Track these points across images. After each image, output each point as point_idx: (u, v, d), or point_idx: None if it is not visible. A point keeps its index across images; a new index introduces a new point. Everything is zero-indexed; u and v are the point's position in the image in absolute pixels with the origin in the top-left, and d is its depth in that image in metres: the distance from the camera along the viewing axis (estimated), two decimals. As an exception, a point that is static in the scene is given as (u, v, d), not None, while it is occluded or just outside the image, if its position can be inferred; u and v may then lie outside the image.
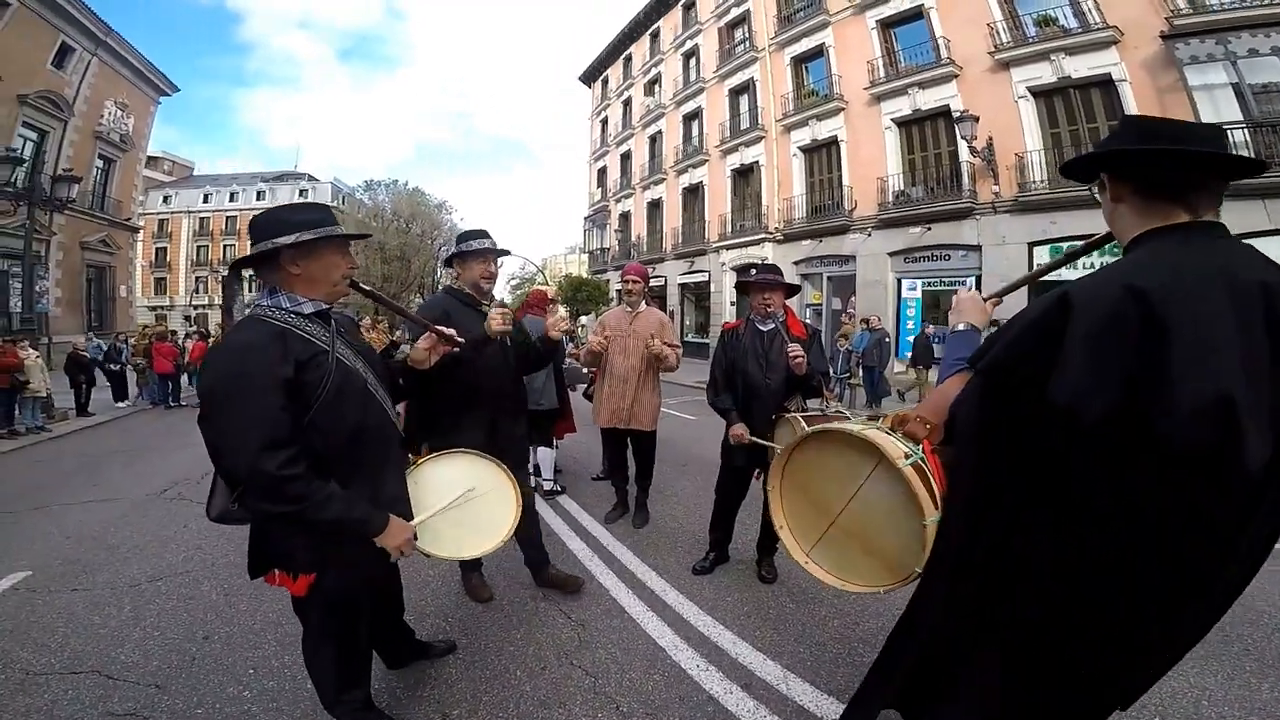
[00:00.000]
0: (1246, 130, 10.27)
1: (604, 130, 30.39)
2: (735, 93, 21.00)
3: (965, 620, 1.25)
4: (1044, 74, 12.75)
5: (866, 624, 2.78)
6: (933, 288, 15.12)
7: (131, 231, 24.00)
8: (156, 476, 5.96)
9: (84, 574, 3.54)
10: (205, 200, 49.65)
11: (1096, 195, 1.27)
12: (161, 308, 46.65)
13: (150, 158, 32.07)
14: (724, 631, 2.73)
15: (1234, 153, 1.15)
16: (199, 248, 49.37)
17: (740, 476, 3.27)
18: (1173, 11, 11.08)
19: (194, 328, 19.60)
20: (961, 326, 1.49)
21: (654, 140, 25.68)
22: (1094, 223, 11.78)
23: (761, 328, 3.16)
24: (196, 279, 48.97)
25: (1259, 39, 10.40)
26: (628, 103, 27.98)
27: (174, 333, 14.58)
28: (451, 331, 2.16)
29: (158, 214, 47.82)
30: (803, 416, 2.87)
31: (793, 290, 3.27)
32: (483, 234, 2.78)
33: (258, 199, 49.25)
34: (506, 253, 2.98)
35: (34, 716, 2.16)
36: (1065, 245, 12.37)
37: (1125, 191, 1.16)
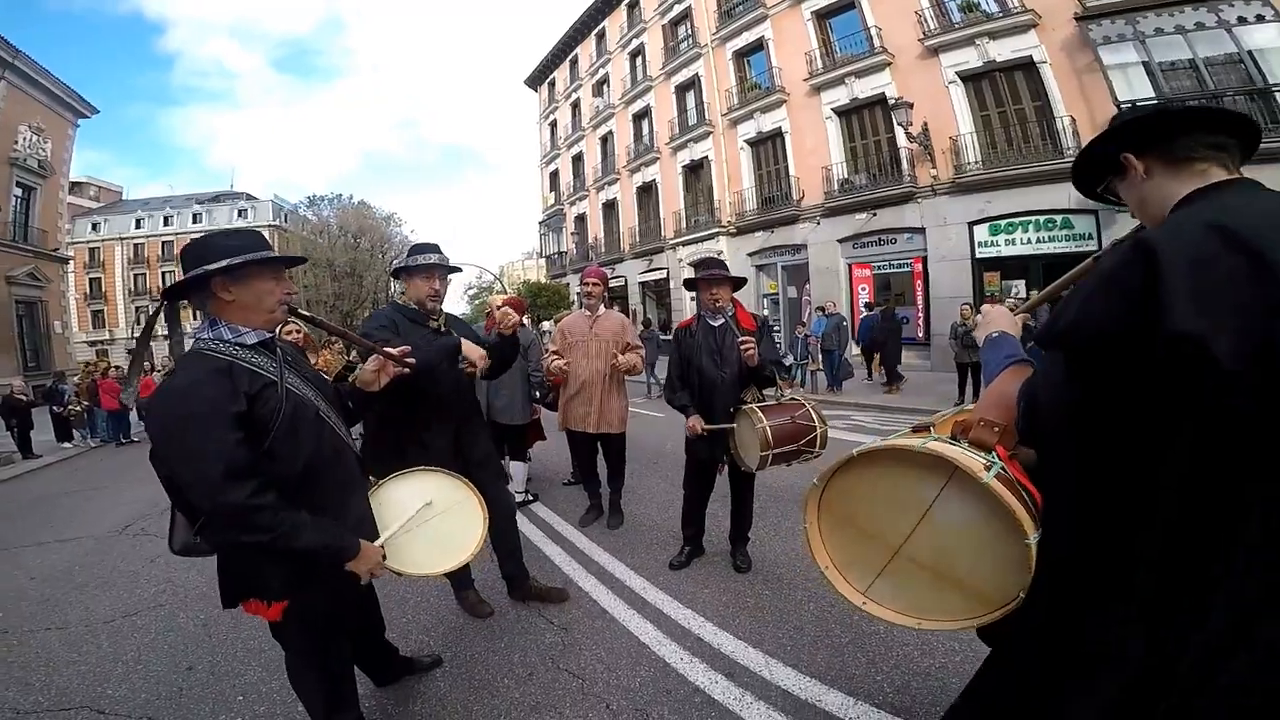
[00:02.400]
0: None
1: (553, 133, 30.27)
2: (682, 89, 21.19)
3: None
4: (970, 59, 13.26)
5: (842, 605, 2.87)
6: (882, 271, 15.61)
7: (61, 262, 22.86)
8: (115, 514, 5.82)
9: (55, 612, 3.51)
10: (138, 226, 47.53)
11: (1111, 197, 1.29)
12: (101, 342, 44.44)
13: (74, 183, 30.55)
14: (705, 623, 2.83)
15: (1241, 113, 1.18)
16: (135, 276, 47.23)
17: (705, 471, 3.37)
18: (1085, -7, 11.67)
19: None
20: (995, 333, 1.43)
21: (605, 141, 25.71)
22: (1027, 200, 12.38)
23: (712, 323, 3.25)
24: (136, 309, 46.81)
25: (1164, 18, 11.04)
26: (576, 105, 27.92)
27: (118, 367, 13.98)
28: (403, 350, 2.10)
29: (87, 242, 45.62)
30: (759, 407, 2.97)
31: (739, 283, 3.35)
32: (433, 248, 2.69)
33: (194, 222, 47.43)
34: (456, 269, 2.85)
35: (28, 759, 2.13)
36: (1003, 222, 12.98)
37: (1154, 163, 1.17)
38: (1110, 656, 1.09)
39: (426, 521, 1.99)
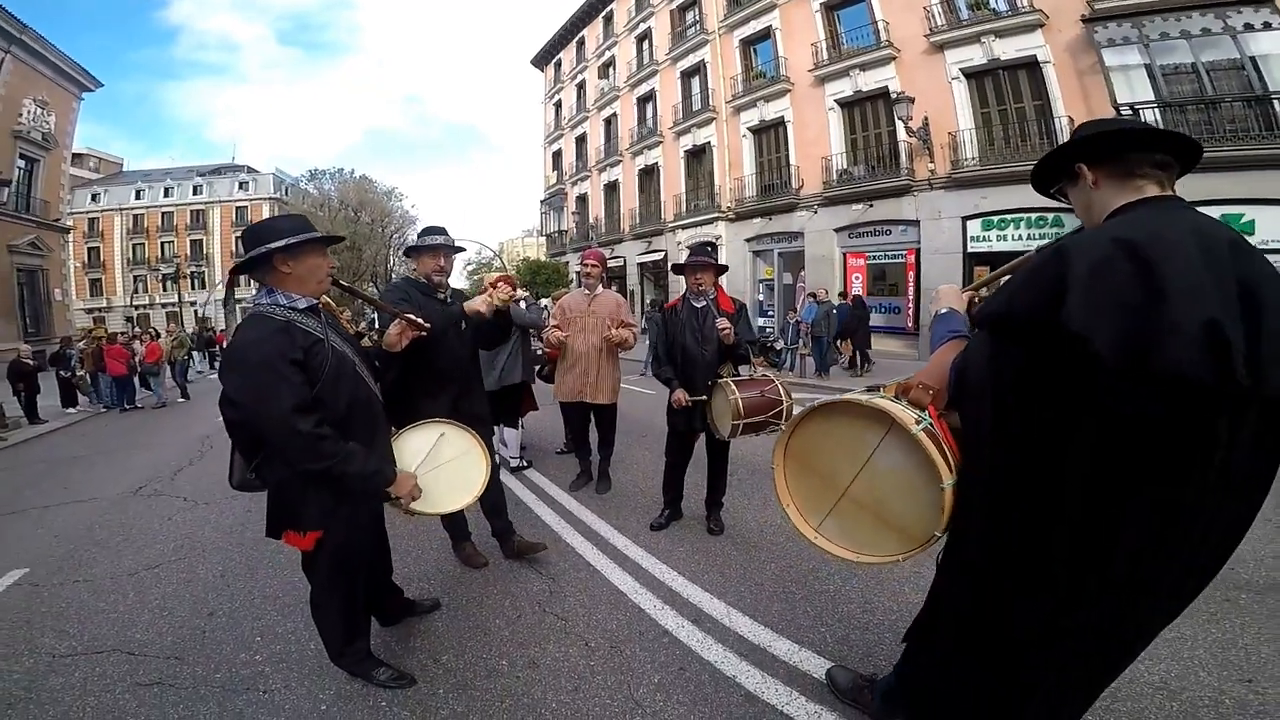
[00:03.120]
0: (1157, 109, 11.04)
1: (558, 114, 30.23)
2: (687, 75, 21.21)
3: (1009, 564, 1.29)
4: (975, 56, 13.37)
5: (800, 566, 3.19)
6: (876, 261, 15.83)
7: (62, 232, 22.92)
8: (126, 476, 6.04)
9: (81, 567, 3.71)
10: (138, 196, 47.40)
11: (1060, 198, 1.46)
12: (99, 310, 44.53)
13: (75, 155, 30.44)
14: (677, 577, 3.11)
15: (1193, 137, 1.30)
16: (134, 246, 47.22)
17: (684, 440, 3.65)
18: (1092, -5, 11.75)
19: (137, 329, 18.96)
20: (944, 310, 1.62)
21: (609, 123, 25.74)
22: (1021, 197, 12.55)
23: (696, 305, 3.51)
24: (134, 278, 46.87)
25: (1169, 22, 11.12)
26: (581, 86, 27.87)
27: (122, 333, 14.17)
28: (417, 319, 2.43)
29: (87, 213, 45.47)
30: (733, 381, 3.25)
31: (721, 270, 3.62)
32: (439, 231, 3.04)
33: (194, 193, 47.37)
34: (460, 249, 3.16)
35: (70, 692, 2.36)
36: (996, 218, 13.19)
37: (1103, 175, 1.30)
38: (1040, 643, 1.26)
39: (438, 466, 2.31)
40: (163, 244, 46.86)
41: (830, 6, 16.36)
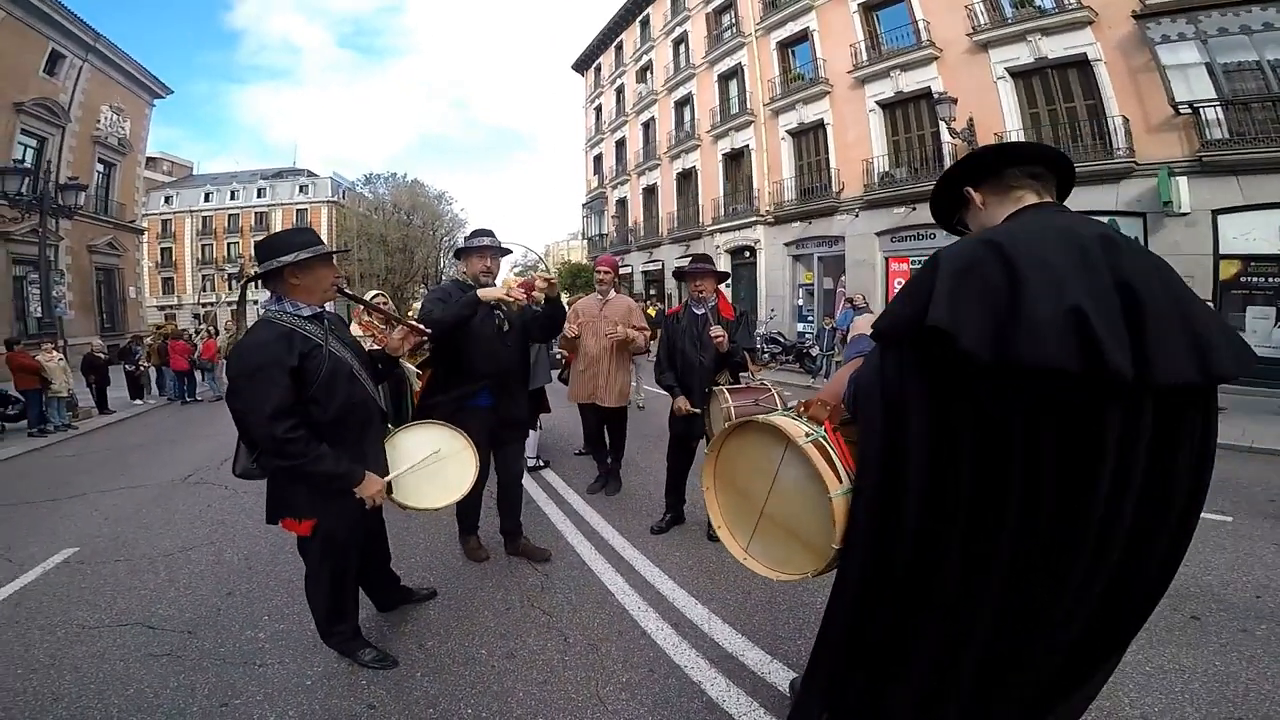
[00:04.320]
0: (1219, 108, 10.47)
1: (598, 118, 30.57)
2: (724, 78, 21.16)
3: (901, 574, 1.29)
4: (1022, 55, 12.93)
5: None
6: (920, 266, 15.40)
7: (136, 233, 24.46)
8: (178, 465, 6.47)
9: (124, 548, 4.02)
10: (206, 199, 50.18)
11: (964, 229, 1.50)
12: (170, 307, 47.28)
13: (149, 159, 32.40)
14: (666, 580, 3.17)
15: (1046, 145, 1.38)
16: (203, 246, 49.97)
17: (685, 445, 3.72)
18: (1145, -10, 11.22)
19: (202, 325, 20.12)
20: (858, 335, 1.71)
21: (647, 126, 25.90)
22: (1072, 200, 11.81)
23: (696, 312, 3.58)
24: (203, 277, 49.61)
25: (1228, 18, 10.53)
26: (620, 90, 28.13)
27: (185, 330, 15.07)
28: (418, 324, 2.60)
29: (160, 214, 48.32)
30: (727, 389, 3.26)
31: (723, 277, 3.68)
32: (487, 233, 3.20)
33: (258, 196, 49.77)
34: (507, 251, 3.33)
35: (89, 661, 2.60)
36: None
37: (987, 193, 1.38)
38: (935, 650, 1.26)
39: (429, 465, 2.46)
40: (229, 245, 49.41)
41: (869, 7, 16.07)
